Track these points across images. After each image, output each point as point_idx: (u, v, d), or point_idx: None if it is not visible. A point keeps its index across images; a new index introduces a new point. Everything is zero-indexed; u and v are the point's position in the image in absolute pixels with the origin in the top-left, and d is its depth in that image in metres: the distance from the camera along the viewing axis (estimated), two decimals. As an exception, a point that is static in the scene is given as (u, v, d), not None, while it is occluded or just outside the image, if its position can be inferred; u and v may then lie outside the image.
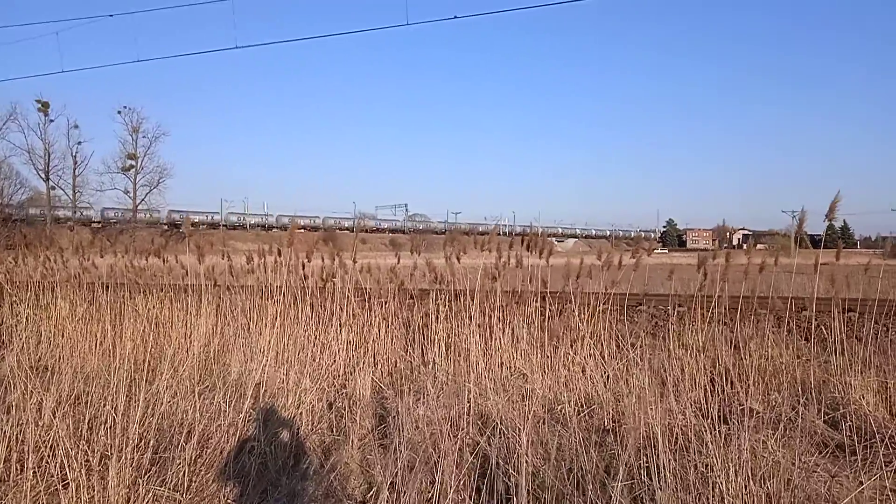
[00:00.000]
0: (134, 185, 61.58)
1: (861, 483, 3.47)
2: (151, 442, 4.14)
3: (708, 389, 5.49)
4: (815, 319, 6.72)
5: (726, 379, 5.65)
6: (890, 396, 5.32)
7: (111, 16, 13.77)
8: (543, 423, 4.77)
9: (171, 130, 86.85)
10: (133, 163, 61.70)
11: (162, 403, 4.64)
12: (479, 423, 4.69)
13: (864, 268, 6.89)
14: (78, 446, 3.85)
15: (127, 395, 4.46)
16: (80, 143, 59.35)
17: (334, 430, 5.13)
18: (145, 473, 3.86)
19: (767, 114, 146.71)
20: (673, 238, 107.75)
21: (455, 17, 11.52)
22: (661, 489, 3.30)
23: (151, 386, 4.83)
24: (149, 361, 6.19)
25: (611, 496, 3.24)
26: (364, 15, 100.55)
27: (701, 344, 6.19)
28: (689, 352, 6.11)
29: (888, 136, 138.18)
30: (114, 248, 9.95)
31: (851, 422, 4.71)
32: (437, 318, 7.04)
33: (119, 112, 61.94)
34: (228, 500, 3.99)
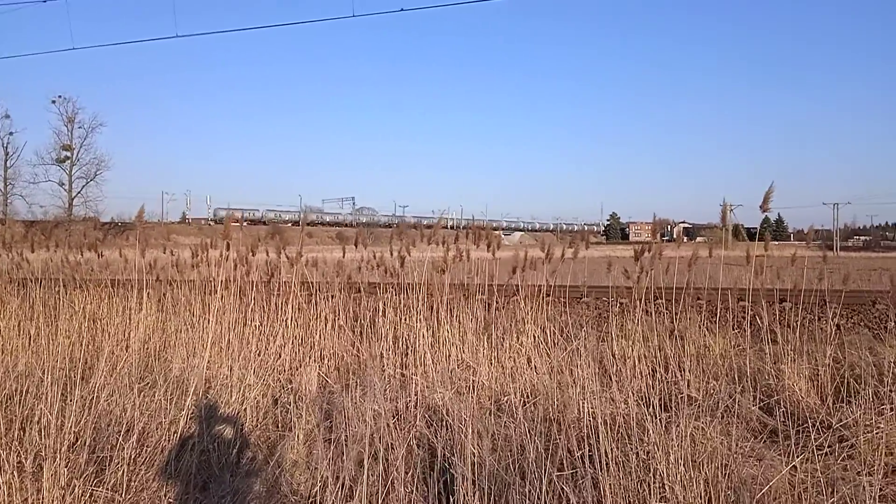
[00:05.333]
0: (69, 178, 59.23)
1: (795, 468, 3.61)
2: (88, 441, 4.01)
3: (649, 378, 5.63)
4: (751, 310, 6.95)
5: (667, 368, 5.81)
6: (821, 383, 5.55)
7: (44, 1, 13.21)
8: (490, 414, 4.82)
9: (108, 121, 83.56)
10: (68, 154, 59.34)
11: (99, 401, 4.51)
12: (427, 415, 4.70)
13: (791, 259, 7.18)
14: (10, 447, 3.72)
15: (62, 394, 4.32)
16: (11, 133, 56.79)
17: (280, 425, 5.07)
18: (81, 474, 3.73)
19: (705, 110, 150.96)
20: (616, 231, 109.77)
21: (402, 9, 11.40)
22: (603, 476, 3.37)
23: (88, 383, 4.69)
24: (85, 358, 6.00)
25: (554, 484, 3.29)
26: (309, 5, 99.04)
27: (641, 334, 6.34)
28: (630, 342, 6.26)
29: (821, 133, 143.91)
30: (47, 243, 9.60)
31: (785, 407, 4.88)
32: (385, 311, 7.03)
33: (53, 101, 59.41)
34: (169, 499, 3.91)
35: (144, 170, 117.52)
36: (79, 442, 4.00)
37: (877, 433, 4.24)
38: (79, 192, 59.34)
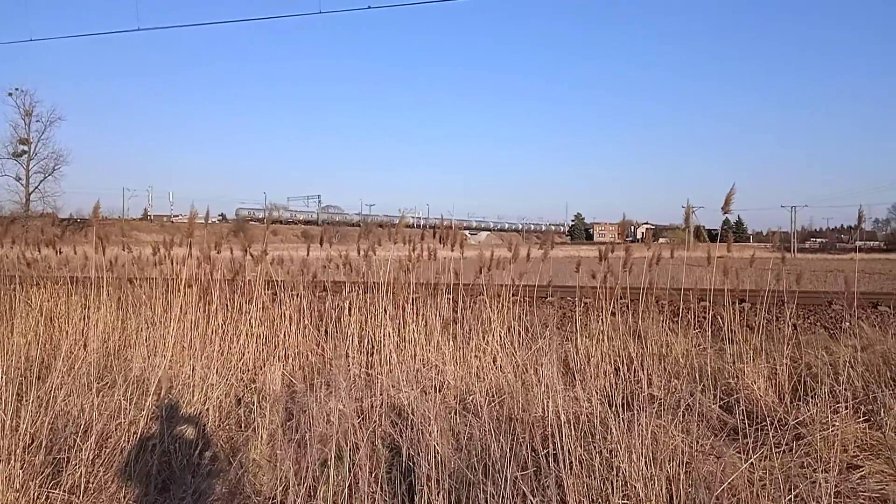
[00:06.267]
0: (27, 172, 57.56)
1: (754, 465, 3.68)
2: (44, 442, 3.91)
3: (612, 377, 5.69)
4: (712, 310, 7.07)
5: (630, 367, 5.88)
6: (779, 381, 5.68)
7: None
8: (455, 413, 4.82)
9: (68, 115, 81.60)
10: (25, 148, 57.65)
11: (56, 401, 4.40)
12: (393, 415, 4.69)
13: (750, 261, 7.33)
14: (-38, 449, 3.60)
15: (17, 394, 4.21)
16: (-35, 126, 55.02)
17: (243, 425, 5.01)
18: (37, 476, 3.64)
19: (669, 113, 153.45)
20: (580, 231, 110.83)
21: (369, 7, 11.35)
22: (566, 475, 3.40)
23: (44, 383, 4.57)
24: (42, 358, 5.85)
25: (518, 484, 3.31)
26: (275, 1, 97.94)
27: (605, 334, 6.40)
28: (594, 341, 6.32)
29: (780, 136, 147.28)
30: (3, 239, 9.36)
31: (744, 406, 4.98)
32: (350, 310, 6.99)
33: (10, 94, 57.66)
34: (129, 501, 3.83)
35: (105, 166, 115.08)
36: (35, 443, 3.90)
37: (832, 431, 4.36)
38: (36, 188, 57.69)
